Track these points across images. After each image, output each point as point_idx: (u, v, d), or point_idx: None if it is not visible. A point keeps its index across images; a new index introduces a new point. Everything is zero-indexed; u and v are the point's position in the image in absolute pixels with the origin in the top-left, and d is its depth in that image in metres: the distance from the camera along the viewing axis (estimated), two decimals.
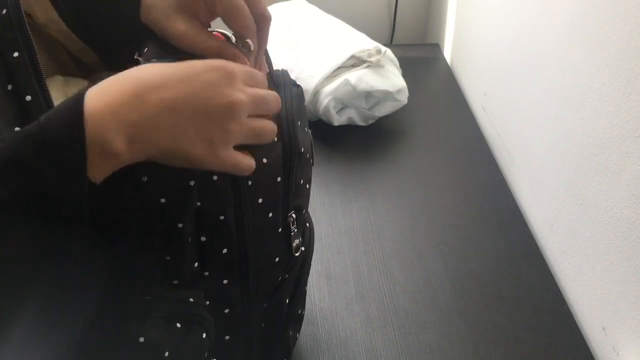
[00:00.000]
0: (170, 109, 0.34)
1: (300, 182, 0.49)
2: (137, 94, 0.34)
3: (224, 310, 0.48)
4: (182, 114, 0.34)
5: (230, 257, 0.45)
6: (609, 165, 0.64)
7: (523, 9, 0.87)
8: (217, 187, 0.42)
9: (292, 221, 0.49)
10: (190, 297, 0.43)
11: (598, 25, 0.65)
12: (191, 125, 0.35)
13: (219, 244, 0.44)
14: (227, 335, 0.50)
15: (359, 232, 0.83)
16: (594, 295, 0.69)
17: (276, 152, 0.45)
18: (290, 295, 0.55)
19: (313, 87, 0.94)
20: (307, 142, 0.49)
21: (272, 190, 0.46)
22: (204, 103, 0.35)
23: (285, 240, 0.50)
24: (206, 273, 0.45)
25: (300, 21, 1.07)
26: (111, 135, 0.32)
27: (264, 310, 0.52)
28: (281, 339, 0.58)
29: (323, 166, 0.95)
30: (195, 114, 0.35)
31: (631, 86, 0.59)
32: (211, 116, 0.35)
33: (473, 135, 1.04)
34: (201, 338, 0.44)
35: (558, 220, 0.77)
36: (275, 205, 0.47)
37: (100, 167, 0.33)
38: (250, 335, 0.52)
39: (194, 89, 0.35)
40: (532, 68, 0.84)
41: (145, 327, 0.40)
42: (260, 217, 0.46)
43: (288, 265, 0.52)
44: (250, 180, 0.43)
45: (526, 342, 0.69)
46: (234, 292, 0.48)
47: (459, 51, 1.22)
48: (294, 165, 0.47)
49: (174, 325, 0.42)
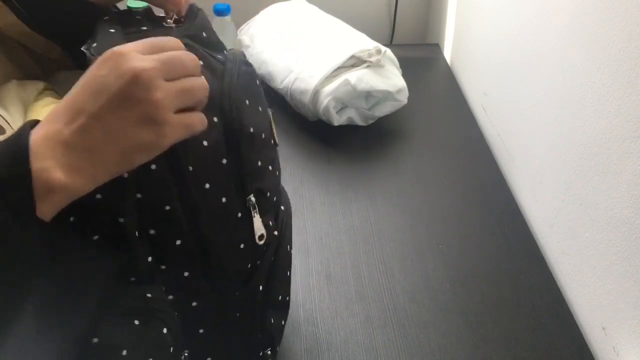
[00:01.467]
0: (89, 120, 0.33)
1: (257, 164, 0.47)
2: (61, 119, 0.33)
3: (191, 303, 0.47)
4: (103, 116, 0.33)
5: (187, 248, 0.44)
6: (609, 165, 0.64)
7: (523, 9, 0.87)
8: (156, 177, 0.40)
9: (252, 205, 0.47)
10: (147, 293, 0.42)
11: (598, 25, 0.65)
12: (117, 121, 0.33)
13: (170, 236, 0.43)
14: (200, 329, 0.49)
15: (359, 232, 0.83)
16: (594, 295, 0.69)
17: (216, 133, 0.43)
18: (264, 282, 0.53)
19: (313, 87, 0.94)
20: (261, 122, 0.47)
21: (218, 173, 0.44)
22: (111, 93, 0.33)
23: (249, 225, 0.47)
24: (163, 267, 0.43)
25: (300, 21, 1.07)
26: (50, 166, 0.32)
27: (236, 299, 0.50)
28: (260, 328, 0.55)
29: (323, 166, 0.95)
30: (113, 109, 0.33)
31: (631, 86, 0.59)
32: (127, 98, 0.33)
33: (473, 135, 1.04)
34: (162, 333, 0.42)
35: (558, 220, 0.77)
36: (226, 189, 0.45)
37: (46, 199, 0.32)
38: (225, 326, 0.51)
39: (96, 89, 0.34)
40: (532, 68, 0.84)
41: (99, 326, 0.39)
42: (212, 203, 0.44)
43: (257, 251, 0.49)
44: (190, 166, 0.42)
45: (526, 342, 0.69)
46: (199, 284, 0.46)
47: (459, 51, 1.22)
48: (243, 146, 0.44)
49: (132, 323, 0.41)
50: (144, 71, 0.33)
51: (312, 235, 0.82)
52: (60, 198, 0.33)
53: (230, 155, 0.44)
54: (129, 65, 0.33)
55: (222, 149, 0.43)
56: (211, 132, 0.42)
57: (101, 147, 0.33)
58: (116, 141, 0.34)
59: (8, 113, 0.49)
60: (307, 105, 0.97)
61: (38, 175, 0.32)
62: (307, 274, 0.77)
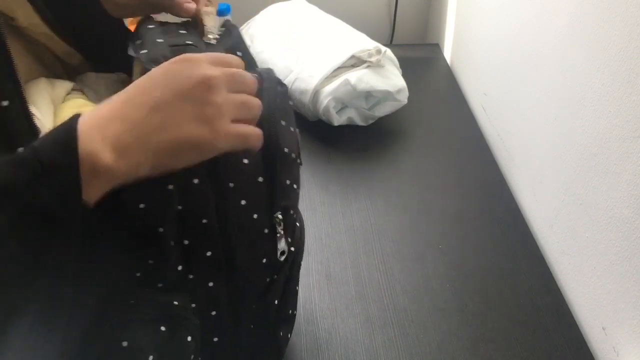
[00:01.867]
0: (152, 108, 0.35)
1: (286, 183, 0.48)
2: (119, 108, 0.35)
3: (210, 312, 0.48)
4: (165, 108, 0.35)
5: (215, 260, 0.45)
6: (609, 165, 0.64)
7: (523, 9, 0.87)
8: (198, 191, 0.42)
9: (278, 222, 0.48)
10: (174, 300, 0.43)
11: (598, 25, 0.65)
12: (179, 113, 0.36)
13: (203, 247, 0.44)
14: (215, 337, 0.50)
15: (359, 232, 0.83)
16: (594, 295, 0.69)
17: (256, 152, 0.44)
18: (280, 296, 0.55)
19: (313, 87, 0.94)
20: (292, 142, 0.48)
21: (254, 191, 0.45)
22: (179, 88, 0.36)
23: (272, 241, 0.49)
24: (191, 276, 0.44)
25: (300, 21, 1.07)
26: (99, 148, 0.33)
27: (252, 311, 0.51)
28: (271, 340, 0.57)
29: (323, 166, 0.95)
30: (178, 102, 0.36)
31: (631, 86, 0.59)
32: (192, 97, 0.36)
33: (473, 135, 1.04)
34: (186, 341, 0.43)
35: (558, 220, 0.77)
36: (259, 206, 0.46)
37: (91, 184, 0.33)
38: (239, 336, 0.52)
39: (163, 82, 0.36)
40: (532, 68, 0.84)
41: (128, 331, 0.40)
42: (244, 219, 0.45)
43: (276, 266, 0.51)
44: (231, 183, 0.43)
45: (526, 342, 0.69)
46: (221, 294, 0.47)
47: (459, 51, 1.22)
48: (278, 166, 0.46)
49: (158, 329, 0.42)
50: (212, 78, 0.37)
51: (312, 235, 0.82)
52: (105, 182, 0.34)
53: (266, 174, 0.46)
54: (200, 70, 0.37)
55: (260, 167, 0.45)
56: (252, 151, 0.44)
57: (154, 136, 0.35)
58: (171, 132, 0.35)
59: (40, 112, 0.47)
60: (307, 105, 0.97)
61: (86, 158, 0.32)
62: (307, 274, 0.77)
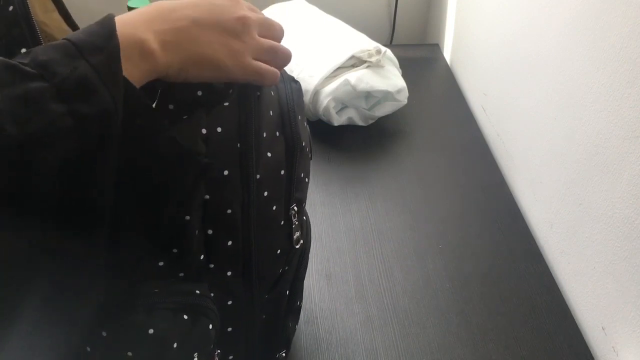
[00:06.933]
0: (193, 21, 0.38)
1: (301, 176, 0.50)
2: (162, 12, 0.38)
3: (227, 302, 0.48)
4: (205, 26, 0.39)
5: (235, 250, 0.46)
6: (609, 165, 0.64)
7: (523, 9, 0.87)
8: (226, 181, 0.43)
9: (294, 214, 0.50)
10: (196, 289, 0.44)
11: (598, 25, 0.65)
12: (213, 35, 0.39)
13: (225, 237, 0.45)
14: (229, 327, 0.51)
15: (359, 232, 0.83)
16: (593, 295, 0.69)
17: (280, 145, 0.47)
18: (290, 287, 0.56)
19: (313, 87, 0.94)
20: (306, 136, 0.50)
21: (276, 183, 0.47)
22: (218, 18, 0.40)
23: (287, 232, 0.51)
24: (211, 265, 0.45)
25: (300, 21, 1.07)
26: (145, 36, 0.35)
27: (265, 301, 0.52)
28: (282, 330, 0.59)
29: (323, 166, 0.95)
30: (215, 26, 0.39)
31: (631, 86, 0.59)
32: (227, 29, 0.40)
33: (473, 135, 1.04)
34: (207, 329, 0.44)
35: (558, 220, 0.77)
36: (279, 198, 0.48)
37: (138, 65, 0.35)
38: (251, 326, 0.53)
39: (208, 8, 0.40)
40: (532, 68, 0.84)
41: (153, 319, 0.41)
42: (264, 210, 0.46)
43: (288, 257, 0.52)
44: (258, 174, 0.44)
45: (526, 342, 0.69)
46: (237, 284, 0.48)
47: (459, 51, 1.22)
48: (296, 159, 0.48)
49: (181, 317, 0.42)
50: (248, 18, 0.41)
51: (312, 235, 0.82)
52: (150, 68, 0.36)
53: (287, 167, 0.48)
54: (240, 10, 0.41)
55: (282, 160, 0.47)
56: (275, 144, 0.46)
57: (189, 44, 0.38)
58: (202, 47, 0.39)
59: None
60: (307, 106, 0.97)
61: (131, 38, 0.34)
62: (307, 274, 0.76)
